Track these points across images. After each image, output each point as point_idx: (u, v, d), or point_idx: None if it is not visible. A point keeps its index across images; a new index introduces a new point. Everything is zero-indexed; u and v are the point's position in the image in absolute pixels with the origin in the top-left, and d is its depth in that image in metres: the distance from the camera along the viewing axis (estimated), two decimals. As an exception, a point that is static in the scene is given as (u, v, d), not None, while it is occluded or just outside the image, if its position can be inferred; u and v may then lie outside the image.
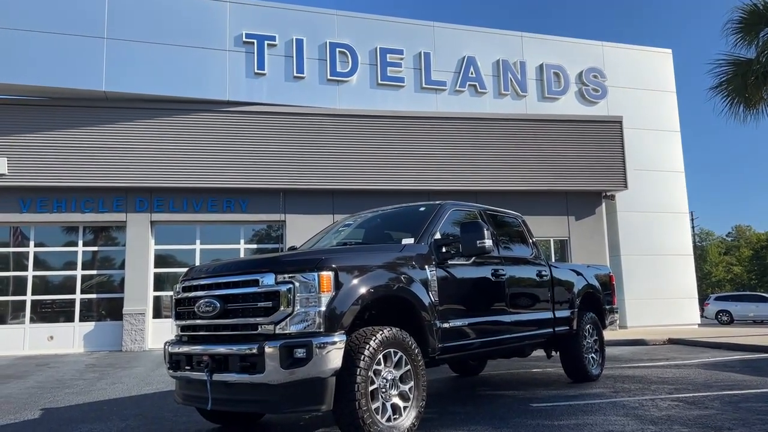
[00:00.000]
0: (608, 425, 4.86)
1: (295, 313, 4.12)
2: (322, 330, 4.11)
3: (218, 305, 4.38)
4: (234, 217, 15.64)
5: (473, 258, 5.51)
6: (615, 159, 17.08)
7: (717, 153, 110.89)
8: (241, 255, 15.89)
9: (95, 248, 15.67)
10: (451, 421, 5.24)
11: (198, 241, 15.77)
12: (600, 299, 7.97)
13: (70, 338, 14.93)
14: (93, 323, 15.17)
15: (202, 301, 4.49)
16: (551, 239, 17.11)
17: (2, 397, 7.89)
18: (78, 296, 15.18)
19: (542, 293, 6.76)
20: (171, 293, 15.00)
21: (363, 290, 4.38)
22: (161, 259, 15.70)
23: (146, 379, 9.39)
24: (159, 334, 15.00)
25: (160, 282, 15.57)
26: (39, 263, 15.27)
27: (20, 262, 15.15)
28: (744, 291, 65.09)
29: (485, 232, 5.17)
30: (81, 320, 15.12)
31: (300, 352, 4.02)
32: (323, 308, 4.13)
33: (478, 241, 5.15)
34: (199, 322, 4.57)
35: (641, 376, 7.88)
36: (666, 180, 18.78)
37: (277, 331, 4.14)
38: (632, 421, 5.00)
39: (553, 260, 16.92)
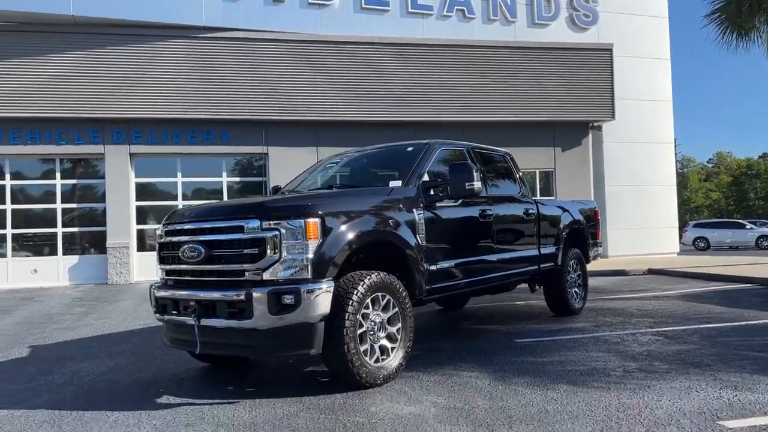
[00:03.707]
0: (590, 362, 4.98)
1: (282, 259, 4.06)
2: (309, 276, 4.07)
3: (203, 251, 4.29)
4: (215, 149, 15.32)
5: (461, 199, 5.44)
6: (603, 89, 16.82)
7: (704, 80, 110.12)
8: (224, 188, 15.71)
9: (74, 181, 15.35)
10: (437, 358, 5.34)
11: (179, 174, 15.50)
12: (585, 234, 8.02)
13: (54, 271, 14.88)
14: (77, 256, 15.10)
15: (186, 246, 4.40)
16: (537, 171, 17.08)
17: (-11, 334, 7.90)
18: (60, 229, 15.00)
19: (528, 231, 6.77)
20: (154, 227, 14.98)
21: (350, 236, 4.31)
22: (143, 192, 15.46)
23: (133, 314, 9.43)
24: (144, 267, 15.01)
25: (142, 215, 15.40)
26: (17, 197, 14.95)
27: (-3, 195, 14.84)
28: (722, 217, 66.71)
29: (474, 173, 5.07)
30: (64, 253, 15.03)
31: (288, 299, 3.99)
32: (311, 255, 4.07)
33: (467, 184, 5.05)
34: (184, 267, 4.49)
35: (622, 308, 8.07)
36: (653, 110, 18.63)
37: (264, 278, 4.09)
38: (613, 357, 5.12)
39: (538, 192, 16.98)
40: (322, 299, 4.06)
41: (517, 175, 7.01)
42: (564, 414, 3.60)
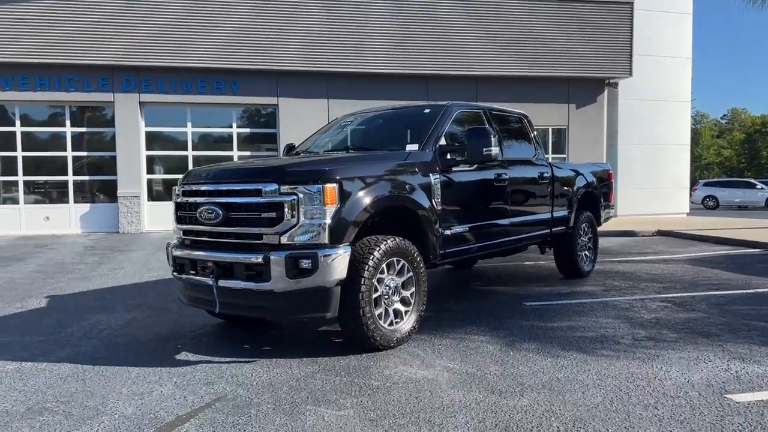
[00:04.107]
0: (600, 328, 5.05)
1: (299, 224, 4.09)
2: (327, 241, 4.10)
3: (221, 213, 4.31)
4: (225, 99, 15.16)
5: (477, 163, 5.40)
6: (622, 44, 16.38)
7: (723, 35, 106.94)
8: (234, 138, 15.64)
9: (84, 129, 15.29)
10: (448, 320, 5.43)
11: (189, 124, 15.41)
12: (597, 197, 8.00)
13: (66, 219, 15.03)
14: (88, 205, 15.21)
15: (203, 207, 4.42)
16: (549, 128, 16.86)
17: (5, 282, 8.06)
18: (71, 177, 15.06)
19: (542, 195, 6.75)
20: (165, 177, 15.02)
21: (368, 201, 4.32)
22: (153, 141, 15.41)
23: (146, 265, 9.58)
24: (155, 216, 15.14)
25: (153, 164, 15.40)
26: (28, 143, 14.95)
27: (9, 141, 14.82)
28: (732, 175, 66.14)
29: (492, 138, 5.04)
30: (76, 201, 15.13)
31: (306, 263, 4.04)
32: (328, 220, 4.09)
33: (484, 149, 5.03)
34: (201, 228, 4.53)
35: (631, 272, 8.12)
36: (671, 66, 18.18)
37: (282, 242, 4.12)
38: (623, 324, 5.19)
39: (550, 149, 16.82)
40: (338, 264, 4.10)
41: (533, 137, 6.94)
42: (574, 383, 3.68)
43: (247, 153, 15.72)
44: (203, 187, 4.57)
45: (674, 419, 3.10)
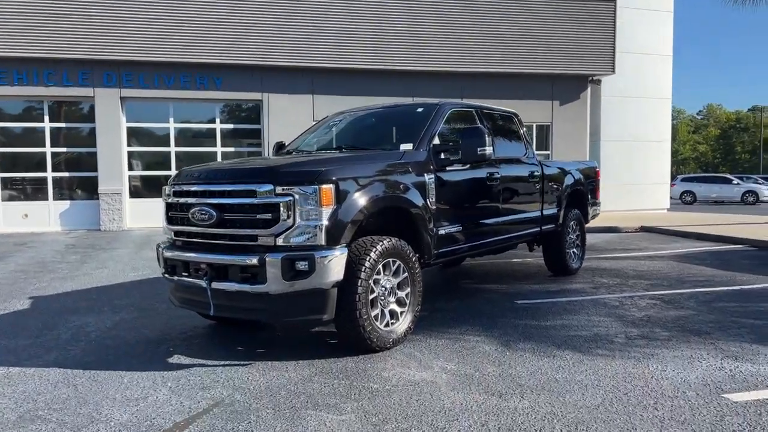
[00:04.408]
0: (593, 327, 5.09)
1: (295, 225, 4.03)
2: (323, 243, 4.05)
3: (214, 214, 4.24)
4: (208, 94, 14.96)
5: (471, 163, 5.39)
6: (605, 41, 16.51)
7: (698, 30, 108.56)
8: (218, 134, 15.45)
9: (63, 124, 14.98)
10: (442, 319, 5.42)
11: (171, 119, 15.18)
12: (585, 195, 8.06)
13: (45, 216, 14.73)
14: (68, 202, 14.92)
15: (196, 209, 4.35)
16: (534, 124, 16.92)
17: (-13, 283, 7.87)
18: (50, 174, 14.75)
19: (533, 193, 6.78)
20: (147, 173, 14.78)
21: (364, 202, 4.28)
22: (134, 137, 15.15)
23: (130, 264, 9.43)
24: (137, 213, 14.91)
25: (134, 160, 15.15)
26: (5, 139, 14.59)
27: (-16, 137, 14.48)
28: (708, 170, 67.32)
29: (486, 138, 5.03)
30: (55, 198, 14.83)
31: (302, 265, 3.99)
32: (325, 222, 4.05)
33: (479, 149, 5.02)
34: (194, 229, 4.45)
35: (617, 269, 8.20)
36: (652, 64, 18.38)
37: (277, 243, 4.07)
38: (615, 322, 5.23)
39: (534, 146, 16.89)
40: (335, 266, 4.06)
41: (523, 136, 6.96)
42: (573, 383, 3.70)
43: (231, 149, 15.55)
44: (195, 188, 4.49)
45: (675, 420, 3.12)
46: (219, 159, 15.14)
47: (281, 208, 4.03)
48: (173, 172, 15.00)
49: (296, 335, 5.07)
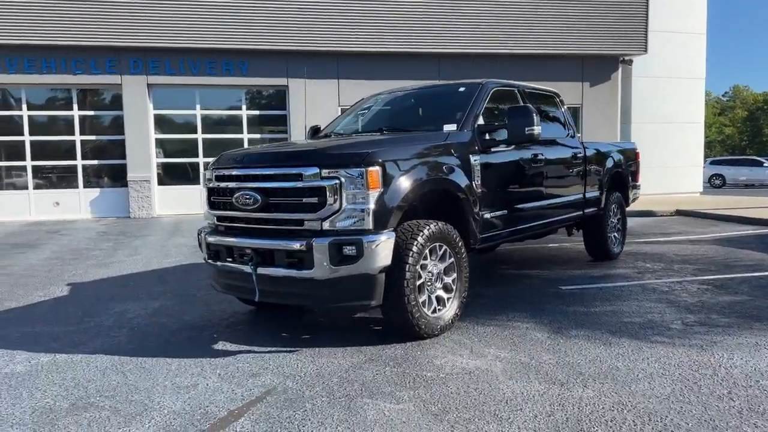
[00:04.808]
0: (645, 313, 4.90)
1: (342, 209, 3.91)
2: (371, 227, 3.93)
3: (259, 199, 4.14)
4: (234, 80, 14.87)
5: (518, 144, 5.21)
6: (637, 20, 16.03)
7: (722, 10, 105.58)
8: (244, 121, 15.39)
9: (92, 112, 15.04)
10: (486, 306, 5.28)
11: (198, 106, 15.14)
12: (626, 178, 7.82)
13: (76, 204, 14.85)
14: (98, 189, 15.02)
15: (240, 193, 4.25)
16: (563, 107, 16.56)
17: (24, 270, 7.93)
18: (80, 162, 14.85)
19: (576, 175, 6.57)
20: (175, 161, 14.79)
21: (410, 185, 4.14)
22: (162, 125, 15.16)
23: (162, 250, 9.44)
24: (166, 201, 14.96)
25: (162, 147, 15.17)
26: (35, 128, 14.70)
27: (16, 126, 14.58)
28: (735, 153, 65.74)
29: (535, 117, 4.84)
30: (85, 186, 14.93)
31: (350, 250, 3.87)
32: (372, 205, 3.92)
33: (527, 128, 4.84)
34: (237, 214, 4.36)
35: (659, 253, 7.96)
36: (685, 42, 17.84)
37: (324, 228, 3.96)
38: (668, 308, 5.04)
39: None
40: (383, 250, 3.94)
41: (566, 116, 6.74)
42: (637, 372, 3.54)
43: (257, 136, 15.48)
44: (238, 172, 4.39)
45: (754, 411, 2.96)
46: (245, 145, 15.08)
47: (327, 192, 3.92)
48: (200, 159, 15.02)
49: (339, 321, 4.97)
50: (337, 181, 3.90)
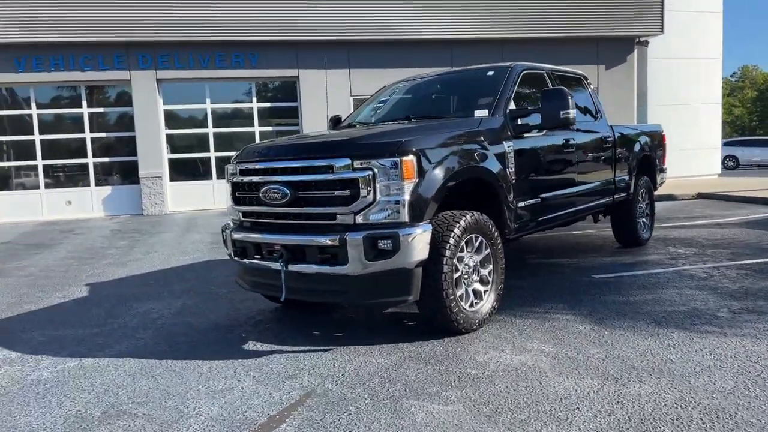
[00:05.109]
0: (688, 301, 4.72)
1: (376, 201, 3.74)
2: (406, 220, 3.76)
3: (288, 192, 3.97)
4: (244, 73, 14.68)
5: (551, 129, 5.01)
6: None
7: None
8: (255, 114, 15.21)
9: (102, 109, 14.91)
10: (520, 297, 5.11)
11: (208, 100, 14.98)
12: (654, 161, 7.60)
13: (88, 202, 14.77)
14: (110, 187, 14.92)
15: (268, 187, 4.08)
16: (578, 90, 16.27)
17: (41, 270, 7.82)
18: (91, 160, 14.74)
19: (606, 160, 6.36)
20: (187, 156, 14.65)
21: (446, 174, 3.96)
22: (172, 120, 15.01)
23: (179, 247, 9.31)
24: (178, 197, 14.83)
25: (173, 143, 15.03)
26: (45, 126, 14.59)
27: (25, 125, 14.48)
28: (745, 133, 64.88)
29: (570, 100, 4.64)
30: (97, 184, 14.84)
31: (385, 244, 3.70)
32: (407, 196, 3.74)
33: (561, 112, 4.63)
34: (265, 209, 4.20)
35: (689, 238, 7.75)
36: (701, 21, 17.45)
37: (357, 221, 3.79)
38: (710, 295, 4.85)
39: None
40: (419, 243, 3.77)
41: (594, 99, 6.52)
42: (692, 364, 3.36)
43: (269, 128, 15.30)
44: (265, 165, 4.21)
45: (830, 406, 2.78)
46: (257, 139, 14.91)
47: (360, 184, 3.74)
48: (212, 154, 14.87)
49: (370, 318, 4.81)
50: (370, 173, 3.73)
